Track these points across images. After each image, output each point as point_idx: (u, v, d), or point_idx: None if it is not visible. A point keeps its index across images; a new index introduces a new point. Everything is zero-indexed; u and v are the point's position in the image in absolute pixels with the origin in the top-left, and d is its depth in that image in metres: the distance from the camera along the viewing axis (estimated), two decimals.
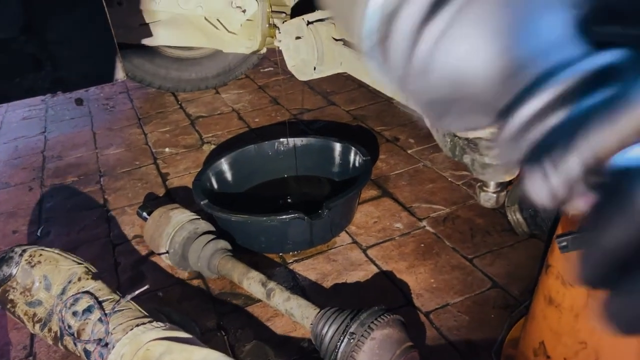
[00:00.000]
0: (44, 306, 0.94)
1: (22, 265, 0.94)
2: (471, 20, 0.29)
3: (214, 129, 1.99)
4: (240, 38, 1.51)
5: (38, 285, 0.92)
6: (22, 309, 0.95)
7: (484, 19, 0.29)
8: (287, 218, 1.19)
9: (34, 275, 0.93)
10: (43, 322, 0.94)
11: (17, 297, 0.94)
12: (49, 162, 1.90)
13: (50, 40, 0.90)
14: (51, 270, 0.94)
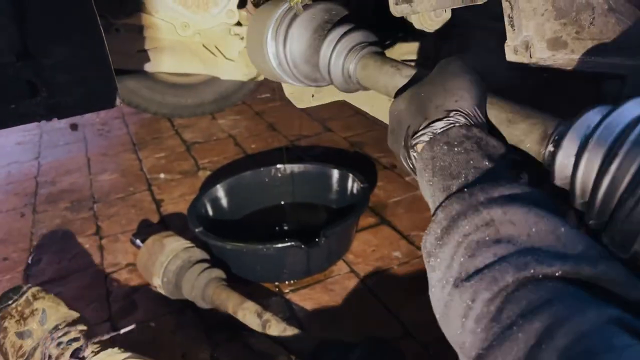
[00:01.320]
0: (32, 338, 0.92)
1: (27, 295, 0.97)
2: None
3: (210, 155, 1.98)
4: (238, 65, 1.51)
5: (34, 316, 0.94)
6: (11, 340, 0.94)
7: None
8: (284, 246, 1.17)
9: (34, 306, 0.95)
10: (25, 357, 0.92)
11: (12, 325, 0.94)
12: (41, 188, 1.88)
13: (47, 66, 0.89)
14: (51, 307, 0.96)
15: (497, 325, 0.40)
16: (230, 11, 1.34)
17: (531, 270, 0.40)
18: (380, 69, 0.73)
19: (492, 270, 0.42)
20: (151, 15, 1.35)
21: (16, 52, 0.83)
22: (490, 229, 0.44)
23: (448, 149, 0.52)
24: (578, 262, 0.40)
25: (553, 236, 0.43)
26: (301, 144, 1.99)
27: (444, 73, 0.59)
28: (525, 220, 0.44)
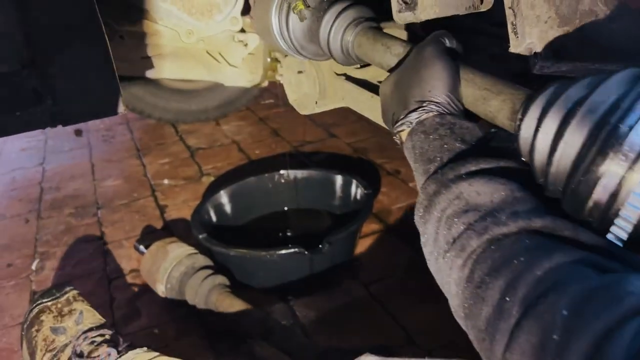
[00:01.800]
0: (65, 335, 0.94)
1: (68, 295, 1.00)
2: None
3: (213, 161, 1.99)
4: (241, 71, 1.52)
5: (72, 315, 0.97)
6: (45, 334, 0.96)
7: None
8: (287, 253, 1.17)
9: (73, 306, 0.98)
10: (54, 352, 0.93)
11: (49, 319, 0.96)
12: (46, 194, 1.88)
13: (52, 73, 0.90)
14: (88, 311, 0.99)
15: (471, 285, 0.46)
16: (234, 18, 1.35)
17: (490, 232, 0.46)
18: (373, 47, 0.76)
19: (461, 239, 0.48)
20: (155, 22, 1.36)
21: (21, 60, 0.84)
22: (461, 201, 0.50)
23: (425, 137, 0.57)
24: (528, 217, 0.45)
25: (511, 199, 0.48)
26: (305, 150, 1.99)
27: (418, 60, 0.63)
28: (487, 189, 0.49)
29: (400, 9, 0.71)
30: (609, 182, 0.45)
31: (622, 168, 0.44)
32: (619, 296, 0.35)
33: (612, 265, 0.41)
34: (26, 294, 1.34)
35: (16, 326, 1.23)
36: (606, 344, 0.33)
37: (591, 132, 0.45)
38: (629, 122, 0.42)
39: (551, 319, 0.36)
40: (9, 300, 1.33)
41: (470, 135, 0.57)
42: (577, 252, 0.41)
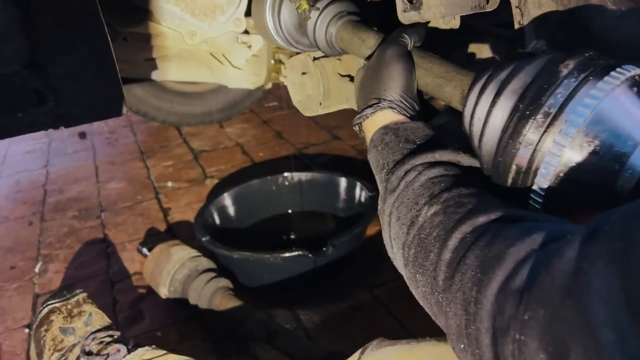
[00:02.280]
0: (74, 336, 0.95)
1: (79, 297, 1.01)
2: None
3: (217, 163, 1.98)
4: (245, 73, 1.51)
5: (81, 317, 0.98)
6: (54, 334, 0.96)
7: None
8: (291, 256, 1.16)
9: (82, 308, 0.99)
10: (62, 352, 0.93)
11: (58, 320, 0.97)
12: (50, 196, 1.88)
13: (54, 75, 0.89)
14: (98, 313, 0.99)
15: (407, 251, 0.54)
16: (237, 19, 1.34)
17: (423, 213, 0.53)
18: (352, 40, 0.82)
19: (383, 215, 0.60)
20: (158, 24, 1.35)
21: (24, 61, 0.83)
22: (400, 203, 0.57)
23: (375, 150, 0.64)
24: (448, 191, 0.53)
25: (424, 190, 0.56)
26: (309, 152, 1.99)
27: (379, 61, 0.70)
28: (416, 186, 0.56)
29: (405, 8, 0.70)
30: (527, 146, 0.50)
31: (538, 133, 0.49)
32: (526, 234, 0.41)
33: (523, 214, 0.47)
34: (29, 297, 1.34)
35: (19, 329, 1.23)
36: (514, 276, 0.39)
37: (513, 107, 0.52)
38: (544, 96, 0.49)
39: (474, 259, 0.43)
40: (12, 303, 1.33)
41: (414, 134, 0.62)
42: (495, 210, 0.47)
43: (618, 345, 0.29)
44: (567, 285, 0.34)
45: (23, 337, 1.20)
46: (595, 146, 0.47)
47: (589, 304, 0.31)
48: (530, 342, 0.36)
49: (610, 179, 0.48)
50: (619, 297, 0.30)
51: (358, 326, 1.12)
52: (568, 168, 0.49)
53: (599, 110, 0.47)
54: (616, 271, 0.31)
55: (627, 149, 0.47)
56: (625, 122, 0.47)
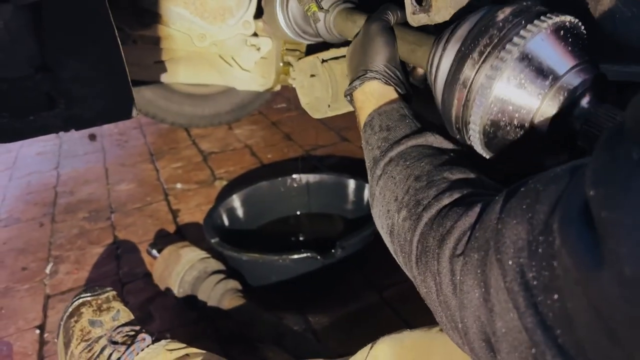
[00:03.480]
0: (102, 329, 0.98)
1: (108, 294, 1.05)
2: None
3: (226, 165, 1.99)
4: (254, 76, 1.51)
5: (109, 312, 1.01)
6: (82, 325, 0.99)
7: None
8: (300, 257, 1.16)
9: (111, 304, 1.03)
10: (89, 343, 0.96)
11: (88, 312, 1.01)
12: (60, 198, 1.90)
13: (65, 78, 0.90)
14: (125, 311, 1.03)
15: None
16: (246, 22, 1.35)
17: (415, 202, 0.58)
18: (345, 24, 0.88)
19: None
20: (168, 26, 1.36)
21: (35, 65, 0.84)
22: (387, 188, 0.63)
23: (365, 143, 0.71)
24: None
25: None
26: (317, 154, 1.99)
27: (365, 36, 0.76)
28: (400, 174, 0.62)
29: (414, 10, 0.70)
30: (465, 82, 0.57)
31: (474, 69, 0.56)
32: (470, 208, 0.49)
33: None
34: (40, 298, 1.35)
35: (30, 330, 1.24)
36: (460, 241, 0.47)
37: (457, 51, 0.59)
38: (481, 38, 0.56)
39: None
40: (23, 303, 1.34)
41: (389, 118, 0.68)
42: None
43: (518, 273, 0.38)
44: (491, 233, 0.42)
45: (34, 338, 1.22)
46: (521, 80, 0.54)
47: (503, 245, 0.40)
48: (467, 280, 0.44)
49: (530, 113, 0.55)
50: (523, 240, 0.38)
51: (367, 328, 1.12)
52: (498, 100, 0.55)
53: (526, 49, 0.53)
54: (524, 221, 0.38)
55: (546, 84, 0.54)
56: (548, 60, 0.54)
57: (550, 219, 0.36)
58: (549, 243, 0.35)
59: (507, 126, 0.58)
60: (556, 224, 0.34)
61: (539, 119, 0.55)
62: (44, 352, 1.18)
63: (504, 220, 0.41)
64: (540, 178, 0.41)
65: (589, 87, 0.55)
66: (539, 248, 0.36)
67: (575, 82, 0.54)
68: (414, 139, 0.63)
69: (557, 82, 0.54)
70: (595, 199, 0.31)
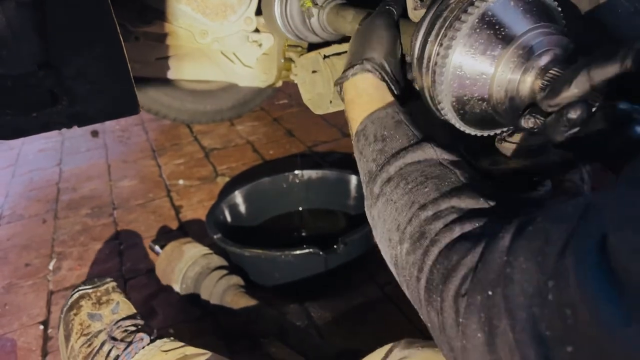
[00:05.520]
0: (101, 322, 0.98)
1: (108, 286, 1.04)
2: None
3: (228, 161, 1.99)
4: (256, 72, 1.51)
5: (109, 305, 1.01)
6: (82, 318, 0.99)
7: None
8: (302, 253, 1.16)
9: (111, 296, 1.02)
10: (89, 337, 0.96)
11: (87, 305, 1.00)
12: (63, 194, 1.90)
13: (68, 75, 0.90)
14: (125, 302, 1.02)
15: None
16: (248, 18, 1.35)
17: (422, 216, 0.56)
18: (336, 20, 0.91)
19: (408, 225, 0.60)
20: (170, 23, 1.36)
21: (37, 61, 0.84)
22: (388, 206, 0.60)
23: (359, 145, 0.67)
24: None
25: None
26: (319, 150, 1.99)
27: (368, 28, 0.74)
28: (398, 196, 0.59)
29: (416, 6, 0.70)
30: (428, 59, 0.61)
31: (433, 47, 0.60)
32: (476, 243, 0.46)
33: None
34: (43, 294, 1.36)
35: (34, 325, 1.25)
36: (465, 281, 0.45)
37: (423, 35, 0.62)
38: (437, 21, 0.60)
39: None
40: (26, 299, 1.34)
41: (383, 126, 0.64)
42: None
43: (529, 323, 0.35)
44: (497, 275, 0.40)
45: (38, 334, 1.22)
46: (474, 50, 0.56)
47: (512, 292, 0.37)
48: (470, 324, 0.42)
49: (485, 86, 0.58)
50: (534, 287, 0.35)
51: (369, 324, 1.13)
52: (456, 76, 0.58)
53: (475, 22, 0.56)
54: (533, 265, 0.36)
55: (498, 49, 0.56)
56: (501, 28, 0.56)
57: (560, 263, 0.33)
58: (561, 289, 0.32)
59: (470, 100, 0.59)
60: (570, 271, 0.32)
61: (497, 87, 0.57)
62: (47, 348, 1.18)
63: (512, 263, 0.38)
64: (549, 215, 0.39)
65: (547, 48, 0.55)
66: (550, 295, 0.33)
67: (533, 42, 0.54)
68: (411, 152, 0.59)
69: (511, 46, 0.55)
70: (618, 246, 0.28)
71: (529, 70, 0.55)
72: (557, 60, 0.55)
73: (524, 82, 0.55)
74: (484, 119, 0.62)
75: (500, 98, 0.57)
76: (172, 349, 0.90)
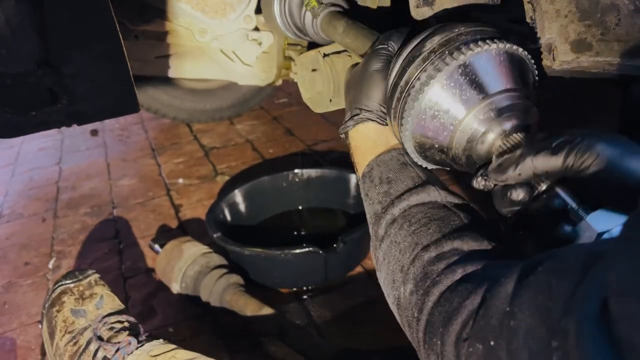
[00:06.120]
0: (85, 319, 0.96)
1: (90, 279, 1.01)
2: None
3: (227, 160, 1.99)
4: (255, 70, 1.51)
5: (92, 299, 0.98)
6: (65, 315, 0.97)
7: None
8: (302, 252, 1.16)
9: (94, 290, 1.00)
10: (73, 335, 0.94)
11: (70, 301, 0.98)
12: (62, 193, 1.90)
13: (67, 73, 0.90)
14: (109, 295, 1.00)
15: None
16: (247, 16, 1.34)
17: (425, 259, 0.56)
18: (327, 28, 0.91)
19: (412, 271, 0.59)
20: (169, 21, 1.36)
21: (37, 60, 0.84)
22: (391, 248, 0.61)
23: (365, 187, 0.67)
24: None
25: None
26: (319, 149, 1.99)
27: (364, 70, 0.71)
28: (402, 238, 0.60)
29: (418, 4, 0.70)
30: (401, 92, 0.60)
31: (412, 75, 0.59)
32: (478, 286, 0.46)
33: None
34: (43, 293, 1.35)
35: (33, 324, 1.25)
36: (467, 324, 0.45)
37: (393, 80, 0.62)
38: (405, 72, 0.60)
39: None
40: (26, 298, 1.34)
41: (389, 168, 0.64)
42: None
43: None
44: (500, 324, 0.40)
45: (37, 332, 1.22)
46: (447, 93, 0.57)
47: (516, 346, 0.37)
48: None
49: (448, 133, 0.59)
50: (538, 345, 0.35)
51: (369, 323, 1.13)
52: (427, 108, 0.58)
53: (456, 68, 0.56)
54: (538, 321, 0.36)
55: (466, 103, 0.57)
56: (471, 84, 0.57)
57: (563, 321, 0.33)
58: (565, 352, 0.32)
59: (433, 146, 0.60)
60: (571, 335, 0.32)
61: (460, 134, 0.58)
62: None
63: (516, 315, 0.38)
64: (552, 266, 0.38)
65: (513, 113, 0.57)
66: (554, 357, 0.33)
67: (504, 104, 0.56)
68: (415, 194, 0.60)
69: (484, 101, 0.56)
70: (621, 315, 0.27)
71: (492, 129, 0.56)
72: (520, 127, 0.57)
73: (485, 139, 0.57)
74: (441, 163, 0.64)
75: (459, 149, 0.59)
76: (162, 353, 0.88)
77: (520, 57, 0.59)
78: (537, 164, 0.50)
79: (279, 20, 1.08)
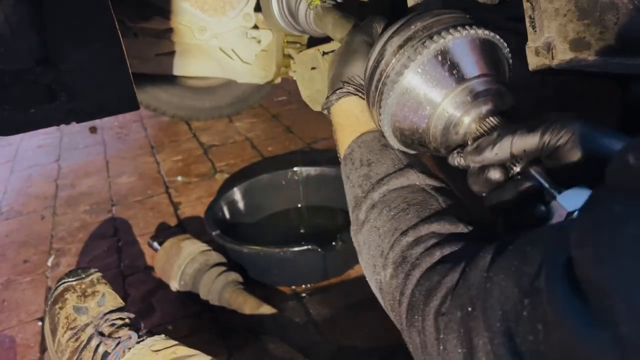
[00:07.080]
0: (87, 315, 0.96)
1: (93, 277, 1.02)
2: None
3: (226, 158, 1.99)
4: (254, 68, 1.51)
5: (94, 297, 0.99)
6: (67, 312, 0.98)
7: None
8: (300, 250, 1.16)
9: (96, 288, 1.01)
10: (75, 331, 0.95)
11: (72, 298, 0.99)
12: (61, 191, 1.90)
13: (66, 71, 0.90)
14: (110, 294, 1.01)
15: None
16: (246, 14, 1.34)
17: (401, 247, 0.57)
18: (319, 20, 0.92)
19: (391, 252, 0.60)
20: (169, 19, 1.36)
21: (36, 57, 0.84)
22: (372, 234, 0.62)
23: (346, 169, 0.67)
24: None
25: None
26: (318, 147, 1.99)
27: (348, 47, 0.71)
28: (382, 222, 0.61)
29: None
30: (381, 75, 0.60)
31: (391, 60, 0.59)
32: (457, 263, 0.48)
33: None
34: (42, 290, 1.36)
35: (32, 322, 1.25)
36: (445, 300, 0.46)
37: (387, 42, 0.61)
38: (408, 41, 0.59)
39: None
40: (25, 296, 1.34)
41: (369, 149, 0.64)
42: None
43: (506, 337, 0.37)
44: (477, 291, 0.41)
45: (36, 330, 1.22)
46: (426, 77, 0.57)
47: (491, 305, 0.39)
48: (451, 339, 0.43)
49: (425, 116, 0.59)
50: (511, 303, 0.37)
51: (368, 321, 1.13)
52: (405, 92, 0.58)
53: (435, 52, 0.57)
54: (512, 282, 0.38)
55: (444, 88, 0.57)
56: (450, 69, 0.57)
57: (536, 282, 0.35)
58: (535, 306, 0.34)
59: (409, 128, 0.61)
60: (543, 289, 0.34)
61: (436, 119, 0.58)
62: (46, 344, 1.18)
63: (492, 279, 0.40)
64: (529, 237, 0.41)
65: (490, 97, 0.58)
66: (525, 312, 0.35)
67: (480, 89, 0.57)
68: (395, 178, 0.61)
69: (461, 85, 0.57)
70: (580, 260, 0.30)
71: (469, 113, 0.57)
72: (495, 111, 0.58)
73: (462, 122, 0.58)
74: (419, 148, 0.65)
75: (437, 134, 0.59)
76: (163, 349, 0.89)
77: (494, 43, 0.60)
78: (514, 142, 0.51)
79: (278, 16, 1.08)
